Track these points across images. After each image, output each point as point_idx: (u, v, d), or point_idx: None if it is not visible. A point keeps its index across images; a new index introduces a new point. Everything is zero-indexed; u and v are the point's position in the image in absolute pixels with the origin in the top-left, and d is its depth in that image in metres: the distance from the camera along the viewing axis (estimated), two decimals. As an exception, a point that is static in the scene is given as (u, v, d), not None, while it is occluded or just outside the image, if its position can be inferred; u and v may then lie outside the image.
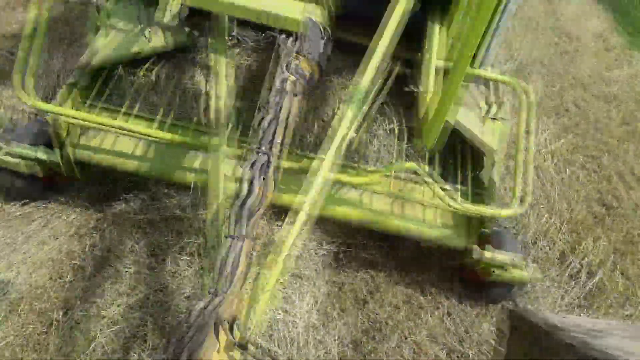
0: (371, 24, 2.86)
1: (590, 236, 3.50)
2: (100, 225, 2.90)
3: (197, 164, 2.77)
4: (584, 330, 0.73)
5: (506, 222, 3.37)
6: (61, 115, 2.62)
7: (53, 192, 3.02)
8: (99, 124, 2.63)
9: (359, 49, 3.16)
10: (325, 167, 2.08)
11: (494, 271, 2.68)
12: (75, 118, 2.63)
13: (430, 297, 2.97)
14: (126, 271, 2.65)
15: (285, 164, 2.64)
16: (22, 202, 2.94)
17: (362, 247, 3.07)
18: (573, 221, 3.61)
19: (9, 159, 2.65)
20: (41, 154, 2.68)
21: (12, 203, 2.94)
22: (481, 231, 2.80)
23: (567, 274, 3.27)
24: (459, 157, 3.13)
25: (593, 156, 4.26)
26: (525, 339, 0.83)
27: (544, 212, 3.59)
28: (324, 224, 3.00)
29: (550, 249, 3.39)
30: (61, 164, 2.77)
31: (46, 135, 2.72)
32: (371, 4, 3.10)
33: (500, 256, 2.64)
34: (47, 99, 3.34)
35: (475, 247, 2.65)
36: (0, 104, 3.48)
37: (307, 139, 2.99)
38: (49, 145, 2.72)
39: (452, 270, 3.08)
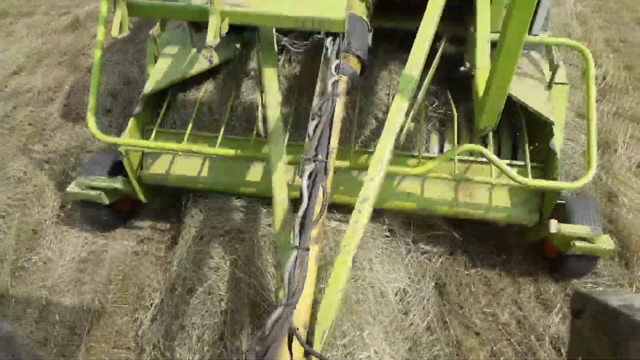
0: (407, 7, 2.80)
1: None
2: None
3: (259, 175, 2.85)
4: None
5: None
6: (134, 146, 2.81)
7: (124, 217, 3.24)
8: (168, 149, 2.79)
9: (398, 35, 3.13)
10: (383, 162, 2.06)
11: (574, 244, 2.52)
12: (148, 148, 2.82)
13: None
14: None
15: (341, 162, 2.67)
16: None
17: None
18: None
19: (91, 192, 2.87)
20: (119, 184, 2.88)
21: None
22: (556, 203, 2.65)
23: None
24: (509, 132, 3.01)
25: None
26: (591, 321, 0.77)
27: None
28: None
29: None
30: (137, 191, 2.97)
31: (109, 164, 2.95)
32: None
33: (578, 228, 2.50)
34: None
35: (553, 220, 2.52)
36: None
37: (364, 135, 2.98)
38: (114, 174, 2.93)
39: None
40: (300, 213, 1.56)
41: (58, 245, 3.16)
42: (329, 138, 1.81)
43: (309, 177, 1.65)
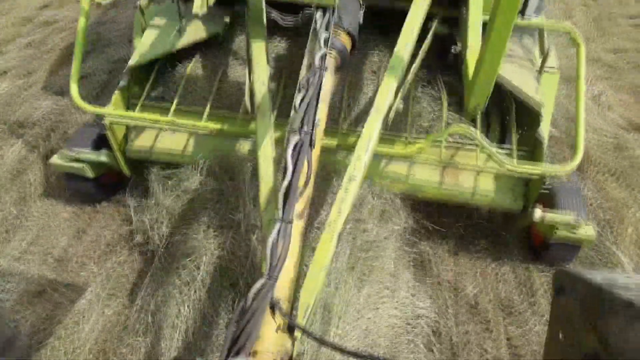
0: None
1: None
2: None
3: (245, 150, 2.82)
4: (646, 289, 0.67)
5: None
6: (118, 117, 2.76)
7: (108, 191, 3.17)
8: (153, 121, 2.74)
9: (389, 13, 3.10)
10: (372, 141, 2.05)
11: (555, 232, 2.54)
12: (132, 119, 2.77)
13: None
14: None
15: (329, 141, 2.65)
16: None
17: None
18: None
19: (76, 164, 2.83)
20: (104, 157, 2.83)
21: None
22: (541, 190, 2.65)
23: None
24: (498, 118, 3.01)
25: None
26: (573, 298, 0.77)
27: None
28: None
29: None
30: (122, 164, 2.92)
31: (94, 138, 2.89)
32: None
33: (561, 216, 2.50)
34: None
35: (536, 208, 2.52)
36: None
37: (352, 113, 2.95)
38: (99, 148, 2.88)
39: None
40: (284, 185, 1.55)
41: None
42: (316, 111, 1.79)
43: (294, 148, 1.63)
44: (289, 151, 1.62)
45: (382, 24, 3.23)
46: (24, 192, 3.24)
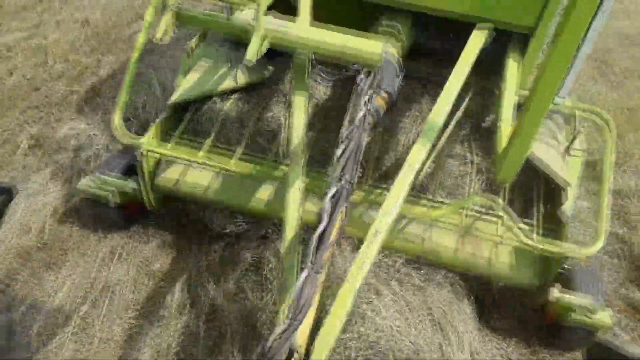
0: (440, 55, 2.88)
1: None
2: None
3: (273, 196, 2.86)
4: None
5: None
6: (151, 150, 2.84)
7: (129, 220, 3.21)
8: (184, 158, 2.81)
9: (427, 79, 3.22)
10: (400, 198, 2.07)
11: (570, 315, 2.48)
12: (166, 152, 2.84)
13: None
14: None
15: (355, 195, 2.68)
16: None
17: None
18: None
19: (102, 191, 2.89)
20: (131, 186, 2.89)
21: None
22: (559, 270, 2.61)
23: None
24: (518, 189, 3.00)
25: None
26: None
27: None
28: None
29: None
30: (148, 195, 2.98)
31: (125, 165, 2.97)
32: (442, 38, 3.14)
33: (578, 299, 2.45)
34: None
35: (552, 288, 2.47)
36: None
37: (380, 170, 3.00)
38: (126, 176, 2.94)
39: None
40: (318, 232, 1.56)
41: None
42: (354, 165, 1.83)
43: (332, 198, 1.66)
44: (327, 199, 1.64)
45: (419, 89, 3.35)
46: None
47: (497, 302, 2.90)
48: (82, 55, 4.75)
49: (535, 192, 2.92)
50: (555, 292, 2.46)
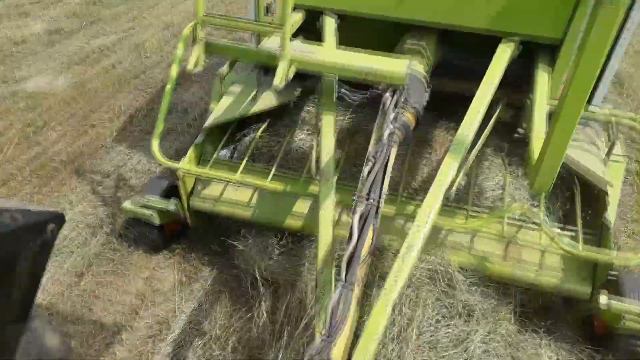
0: (466, 72, 2.89)
1: None
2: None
3: (307, 212, 2.92)
4: None
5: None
6: (190, 172, 2.96)
7: (169, 240, 3.32)
8: (221, 177, 2.92)
9: (454, 96, 3.23)
10: (432, 212, 2.08)
11: (623, 322, 2.40)
12: (201, 174, 2.96)
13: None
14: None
15: (388, 209, 2.70)
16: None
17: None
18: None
19: (144, 211, 3.02)
20: (172, 206, 3.01)
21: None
22: (608, 276, 2.55)
23: None
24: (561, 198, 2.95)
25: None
26: None
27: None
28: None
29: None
30: (187, 215, 3.09)
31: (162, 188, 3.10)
32: (467, 54, 3.15)
33: (630, 305, 2.37)
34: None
35: (603, 294, 2.41)
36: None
37: (412, 184, 3.01)
38: (167, 197, 3.05)
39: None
40: (349, 249, 1.60)
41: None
42: (383, 182, 1.86)
43: (361, 216, 1.69)
44: (356, 218, 1.68)
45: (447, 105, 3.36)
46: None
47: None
48: (171, 49, 5.92)
49: (576, 199, 2.86)
50: (604, 299, 2.39)
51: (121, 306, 3.00)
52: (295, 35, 2.76)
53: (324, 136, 2.60)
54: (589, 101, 2.93)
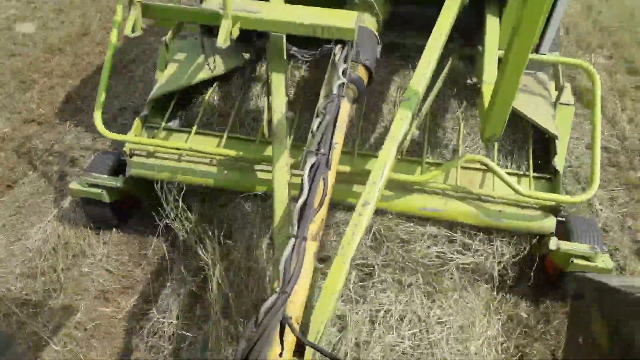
0: (417, 23, 2.87)
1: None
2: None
3: (261, 174, 2.86)
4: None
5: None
6: (138, 144, 2.83)
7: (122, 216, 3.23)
8: (170, 147, 2.81)
9: (406, 48, 3.21)
10: (386, 167, 2.06)
11: (572, 261, 2.53)
12: (151, 145, 2.84)
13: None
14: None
15: (344, 167, 2.68)
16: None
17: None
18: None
19: (94, 190, 2.89)
20: (121, 183, 2.89)
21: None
22: (557, 219, 2.65)
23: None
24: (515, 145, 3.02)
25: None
26: (592, 302, 0.76)
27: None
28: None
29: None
30: (138, 189, 2.98)
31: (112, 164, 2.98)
32: (417, 5, 3.12)
33: (577, 245, 2.52)
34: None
35: (552, 237, 2.53)
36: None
37: (367, 140, 2.99)
38: (116, 174, 2.94)
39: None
40: (300, 203, 1.56)
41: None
42: (333, 134, 1.82)
43: (310, 169, 1.65)
44: (306, 171, 1.64)
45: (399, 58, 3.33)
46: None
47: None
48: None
49: (527, 146, 2.93)
50: (554, 241, 2.54)
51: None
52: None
53: (275, 97, 2.52)
54: (538, 48, 2.96)
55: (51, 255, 3.06)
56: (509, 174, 2.64)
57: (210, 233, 2.75)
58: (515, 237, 2.75)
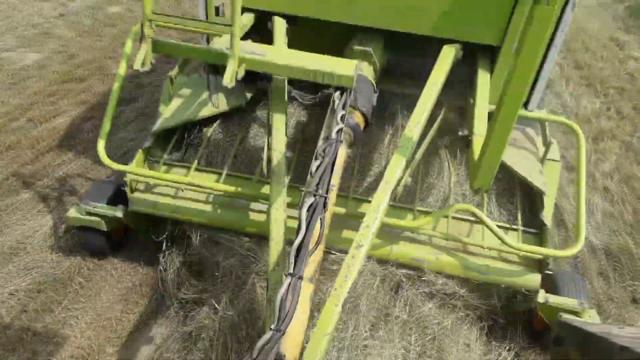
0: (414, 74, 3.01)
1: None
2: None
3: (258, 212, 2.91)
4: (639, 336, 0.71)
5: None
6: (138, 175, 2.89)
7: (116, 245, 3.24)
8: (171, 181, 2.86)
9: (402, 97, 3.35)
10: (380, 211, 2.13)
11: (560, 316, 2.53)
12: (150, 177, 2.89)
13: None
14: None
15: (339, 209, 2.75)
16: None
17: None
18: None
19: (92, 218, 2.91)
20: (120, 213, 2.92)
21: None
22: (545, 273, 2.70)
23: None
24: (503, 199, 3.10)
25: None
26: (575, 345, 0.82)
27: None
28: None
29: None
30: (136, 221, 3.00)
31: (110, 193, 3.00)
32: (413, 57, 3.28)
33: (565, 299, 2.54)
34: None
35: (541, 290, 2.56)
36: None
37: (362, 184, 3.07)
38: (113, 203, 2.97)
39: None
40: (297, 241, 1.61)
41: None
42: (331, 176, 1.89)
43: (308, 209, 1.71)
44: (303, 211, 1.69)
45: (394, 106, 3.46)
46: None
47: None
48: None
49: (516, 200, 3.02)
50: (542, 294, 2.56)
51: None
52: (245, 39, 2.77)
53: (275, 137, 2.61)
54: (526, 105, 3.10)
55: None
56: (498, 226, 2.70)
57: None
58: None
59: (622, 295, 3.28)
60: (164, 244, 3.01)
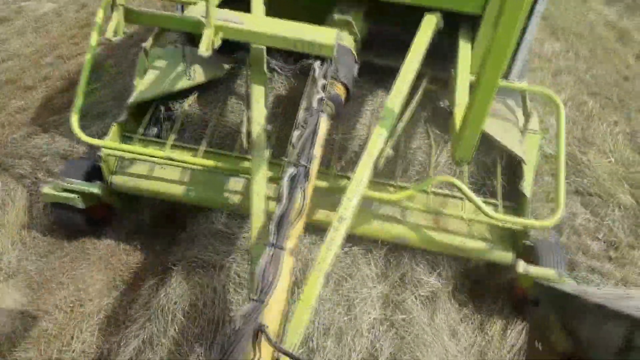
0: (395, 45, 2.97)
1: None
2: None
3: (238, 188, 2.87)
4: (615, 295, 0.73)
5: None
6: (113, 149, 2.81)
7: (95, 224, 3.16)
8: (148, 155, 2.80)
9: (383, 69, 3.32)
10: (362, 184, 2.12)
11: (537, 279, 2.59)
12: (126, 151, 2.82)
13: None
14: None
15: (321, 183, 2.73)
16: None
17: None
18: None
19: (67, 194, 2.84)
20: (96, 189, 2.85)
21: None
22: (524, 244, 2.73)
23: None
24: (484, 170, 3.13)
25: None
26: (552, 306, 0.83)
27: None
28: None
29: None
30: (112, 196, 2.95)
31: (85, 170, 2.93)
32: (395, 28, 3.23)
33: (543, 270, 2.57)
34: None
35: (520, 261, 2.58)
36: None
37: (344, 159, 3.06)
38: (90, 179, 2.90)
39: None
40: (278, 212, 1.59)
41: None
42: (312, 146, 1.87)
43: (290, 179, 1.69)
44: (285, 181, 1.68)
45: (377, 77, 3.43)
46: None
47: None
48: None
49: (496, 171, 3.03)
50: (521, 265, 2.58)
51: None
52: (222, 7, 2.68)
53: (254, 109, 2.56)
54: (507, 75, 3.09)
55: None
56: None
57: None
58: None
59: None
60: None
